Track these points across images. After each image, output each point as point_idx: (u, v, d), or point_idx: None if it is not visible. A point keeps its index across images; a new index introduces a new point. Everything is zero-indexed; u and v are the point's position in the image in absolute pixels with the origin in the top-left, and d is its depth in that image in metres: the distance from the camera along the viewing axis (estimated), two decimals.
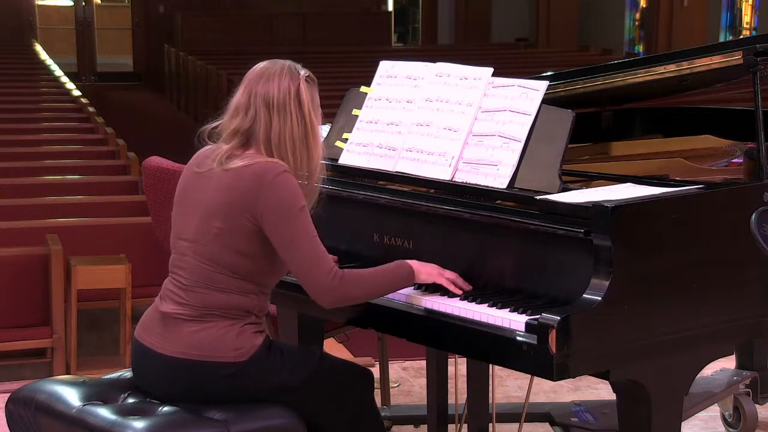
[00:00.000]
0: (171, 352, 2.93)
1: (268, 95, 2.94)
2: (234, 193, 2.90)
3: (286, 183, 2.89)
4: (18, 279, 5.05)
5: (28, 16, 18.28)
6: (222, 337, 2.92)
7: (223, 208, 2.91)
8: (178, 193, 3.06)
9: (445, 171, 3.14)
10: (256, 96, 2.96)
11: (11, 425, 3.05)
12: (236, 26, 17.74)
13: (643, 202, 2.80)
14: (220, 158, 2.95)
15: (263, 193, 2.87)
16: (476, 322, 2.81)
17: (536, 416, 4.19)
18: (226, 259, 2.92)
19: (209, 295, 2.93)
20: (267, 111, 2.94)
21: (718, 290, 2.95)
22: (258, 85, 2.96)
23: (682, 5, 15.95)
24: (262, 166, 2.90)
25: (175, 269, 3.00)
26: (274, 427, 2.91)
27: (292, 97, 2.94)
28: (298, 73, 2.98)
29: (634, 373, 2.81)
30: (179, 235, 3.01)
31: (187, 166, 3.08)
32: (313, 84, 3.02)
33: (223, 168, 2.93)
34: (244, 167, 2.91)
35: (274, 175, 2.88)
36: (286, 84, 2.95)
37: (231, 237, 2.90)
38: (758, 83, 3.22)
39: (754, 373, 4.35)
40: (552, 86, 3.25)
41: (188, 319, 2.93)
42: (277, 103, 2.94)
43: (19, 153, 7.49)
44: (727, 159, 3.72)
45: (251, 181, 2.89)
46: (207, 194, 2.95)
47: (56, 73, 12.40)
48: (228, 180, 2.91)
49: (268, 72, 2.98)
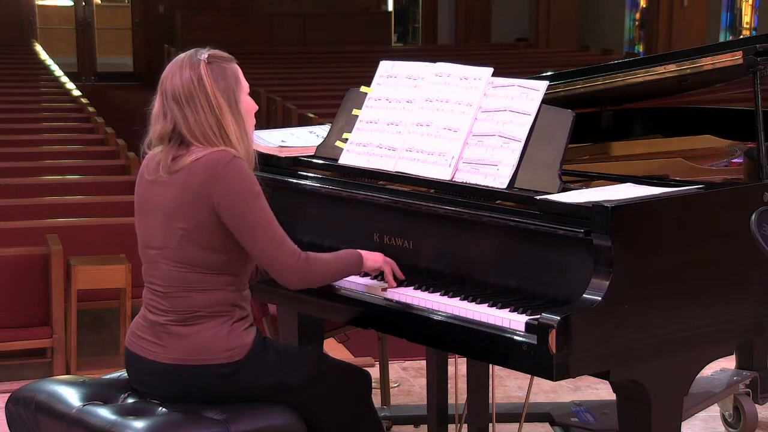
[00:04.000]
0: (164, 359, 2.93)
1: (175, 92, 2.93)
2: (189, 189, 2.89)
3: (238, 170, 2.88)
4: (18, 279, 5.05)
5: (28, 16, 18.26)
6: (213, 339, 2.91)
7: (182, 207, 2.89)
8: (137, 204, 3.04)
9: (445, 171, 3.14)
10: (166, 97, 2.95)
11: (11, 425, 3.05)
12: (236, 26, 17.72)
13: (643, 202, 2.80)
14: (164, 163, 2.93)
15: (217, 183, 2.86)
16: (476, 322, 2.81)
17: (536, 416, 4.19)
18: (197, 258, 2.91)
19: (190, 297, 2.92)
20: (179, 107, 2.92)
21: (718, 290, 2.95)
22: (165, 85, 2.96)
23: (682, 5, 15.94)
24: (211, 157, 2.89)
25: (150, 278, 2.99)
26: (274, 427, 2.91)
27: (195, 84, 2.91)
28: (198, 58, 2.94)
29: (634, 373, 2.81)
30: (146, 245, 3.00)
31: (139, 174, 3.06)
32: (220, 61, 2.96)
33: (171, 171, 2.91)
34: (193, 163, 2.89)
35: (224, 164, 2.87)
36: (187, 75, 2.92)
37: (196, 235, 2.89)
38: (758, 83, 3.22)
39: (754, 373, 4.35)
40: (552, 86, 3.25)
41: (176, 324, 2.93)
42: (184, 96, 2.92)
43: (19, 153, 7.49)
44: (727, 159, 3.72)
45: (203, 174, 2.87)
46: (164, 198, 2.93)
47: (56, 73, 12.40)
48: (180, 179, 2.90)
49: (172, 69, 2.97)
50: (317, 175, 3.45)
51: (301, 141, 3.69)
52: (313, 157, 3.51)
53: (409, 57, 7.33)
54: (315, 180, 3.44)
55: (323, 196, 3.38)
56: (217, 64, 2.96)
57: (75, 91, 10.76)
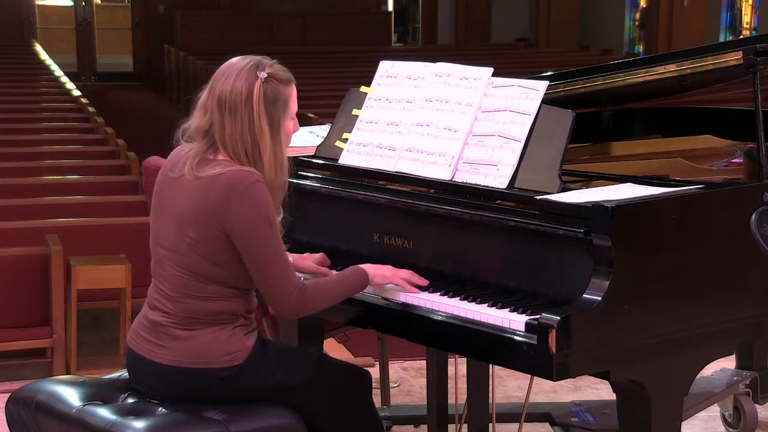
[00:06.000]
0: (164, 360, 2.93)
1: (222, 95, 2.87)
2: (206, 203, 2.84)
3: (257, 195, 2.82)
4: (18, 279, 5.05)
5: (28, 16, 18.27)
6: (213, 343, 2.91)
7: (195, 218, 2.86)
8: (155, 197, 3.01)
9: (445, 171, 3.14)
10: (213, 95, 2.90)
11: (11, 425, 3.05)
12: (236, 26, 17.72)
13: (643, 202, 2.80)
14: (190, 163, 2.88)
15: (234, 205, 2.81)
16: (476, 322, 2.81)
17: (536, 416, 4.18)
18: (202, 269, 2.89)
19: (193, 304, 2.91)
20: (220, 112, 2.87)
21: (718, 290, 2.95)
22: (218, 83, 2.90)
23: (682, 5, 15.94)
24: (235, 176, 2.83)
25: (158, 277, 2.97)
26: (274, 427, 2.91)
27: (243, 98, 2.85)
28: (257, 74, 2.88)
29: (634, 373, 2.81)
30: (157, 242, 2.98)
31: (162, 167, 3.01)
32: (277, 83, 2.90)
33: (195, 176, 2.86)
34: (216, 176, 2.84)
35: (245, 187, 2.82)
36: (240, 84, 2.86)
37: (205, 247, 2.86)
38: (758, 83, 3.22)
39: (754, 373, 4.35)
40: (552, 86, 3.25)
41: (177, 327, 2.92)
42: (229, 104, 2.86)
43: (19, 153, 7.49)
44: (727, 159, 3.72)
45: (222, 191, 2.82)
46: (180, 202, 2.90)
47: (56, 73, 12.39)
48: (200, 188, 2.86)
49: (230, 70, 2.91)
50: (317, 175, 3.45)
51: (301, 141, 3.69)
52: (313, 157, 3.51)
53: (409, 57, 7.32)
54: (315, 180, 3.43)
55: (323, 196, 3.37)
56: (273, 85, 2.89)
57: (75, 91, 10.76)
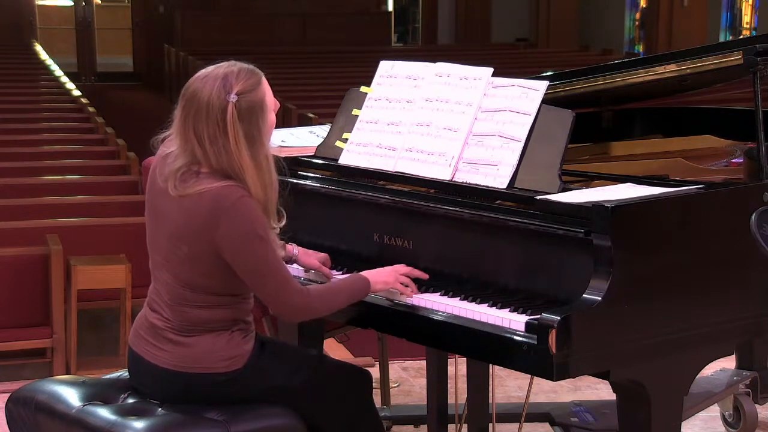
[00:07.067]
0: (163, 363, 2.93)
1: (198, 129, 2.82)
2: (193, 220, 2.82)
3: (243, 210, 2.79)
4: (18, 279, 5.05)
5: (28, 16, 18.25)
6: (212, 350, 2.91)
7: (186, 235, 2.85)
8: (148, 203, 2.99)
9: (445, 171, 3.14)
10: (188, 125, 2.84)
11: (11, 425, 3.05)
12: (236, 26, 17.72)
13: (643, 202, 2.80)
14: (173, 181, 2.84)
15: (221, 223, 2.79)
16: (476, 322, 2.81)
17: (536, 416, 4.18)
18: (197, 281, 2.88)
19: (190, 312, 2.91)
20: (199, 143, 2.82)
21: (718, 290, 2.95)
22: (189, 115, 2.84)
23: (682, 5, 15.94)
24: (219, 192, 2.80)
25: (156, 281, 2.97)
26: (274, 428, 2.91)
27: (220, 129, 2.80)
28: (226, 99, 2.81)
29: (634, 373, 2.81)
30: (153, 247, 2.98)
31: (150, 173, 2.98)
32: (248, 93, 2.85)
33: (179, 194, 2.83)
34: (202, 193, 2.81)
35: (231, 202, 2.79)
36: (213, 115, 2.80)
37: (198, 261, 2.86)
38: (758, 83, 3.22)
39: (754, 373, 4.35)
40: (552, 86, 3.25)
41: (174, 333, 2.92)
42: (208, 135, 2.81)
43: (19, 153, 7.49)
44: (727, 159, 3.73)
45: (208, 209, 2.80)
46: (171, 215, 2.88)
47: (56, 73, 12.39)
48: (187, 206, 2.83)
49: (199, 103, 2.83)
50: (317, 175, 3.45)
51: (301, 141, 3.69)
52: (313, 157, 3.51)
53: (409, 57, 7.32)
54: (315, 180, 3.43)
55: (323, 196, 3.38)
56: (245, 99, 2.84)
57: (75, 91, 10.75)
